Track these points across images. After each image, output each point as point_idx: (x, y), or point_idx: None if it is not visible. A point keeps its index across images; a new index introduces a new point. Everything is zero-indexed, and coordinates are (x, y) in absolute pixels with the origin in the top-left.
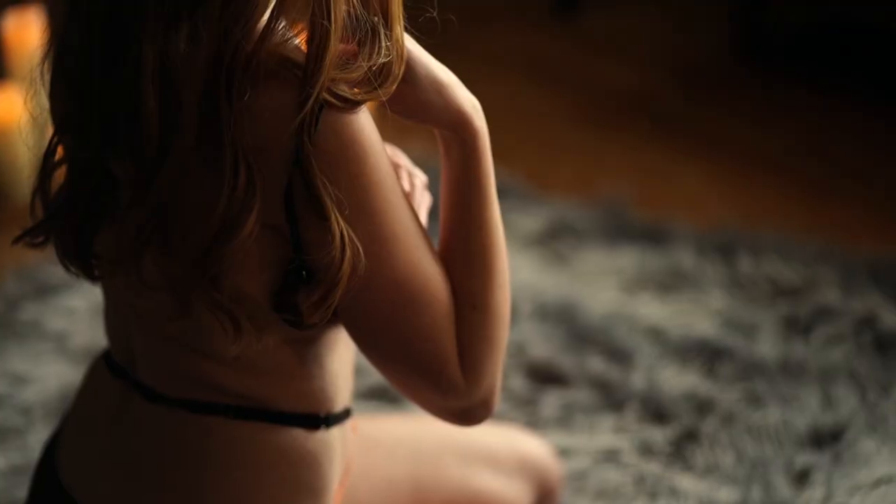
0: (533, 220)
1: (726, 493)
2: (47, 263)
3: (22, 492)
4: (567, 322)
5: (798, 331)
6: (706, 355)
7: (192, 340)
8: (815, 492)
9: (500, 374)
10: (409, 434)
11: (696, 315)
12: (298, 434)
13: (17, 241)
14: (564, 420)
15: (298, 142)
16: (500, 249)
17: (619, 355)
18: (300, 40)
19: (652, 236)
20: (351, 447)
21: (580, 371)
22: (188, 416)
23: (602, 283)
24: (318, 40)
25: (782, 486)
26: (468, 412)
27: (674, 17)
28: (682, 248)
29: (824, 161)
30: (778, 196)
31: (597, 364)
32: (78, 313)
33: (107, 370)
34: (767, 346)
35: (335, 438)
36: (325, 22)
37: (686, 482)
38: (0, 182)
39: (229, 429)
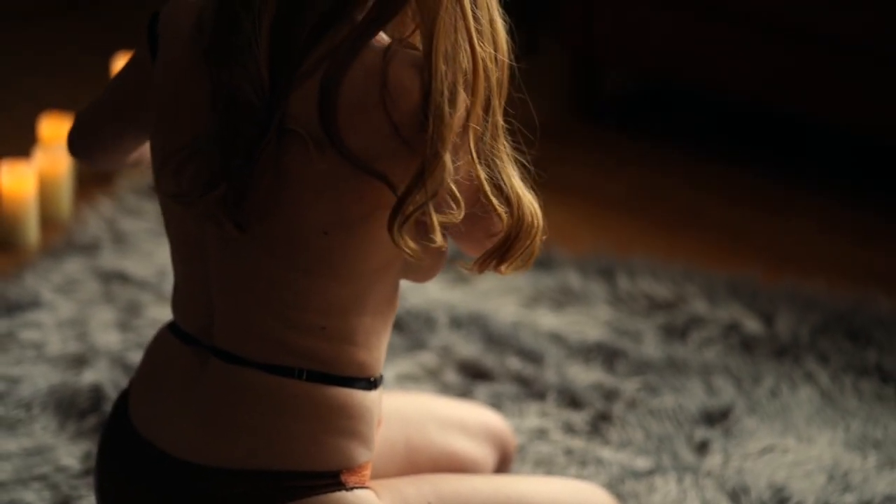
0: None
1: (642, 461)
2: (11, 284)
3: (39, 469)
4: (480, 329)
5: (676, 336)
6: (603, 355)
7: (280, 311)
8: (714, 458)
9: None
10: (398, 405)
11: (588, 325)
12: (357, 393)
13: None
14: (496, 406)
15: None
16: None
17: (531, 356)
18: None
19: (540, 262)
20: (382, 406)
21: (501, 368)
22: (265, 376)
23: (503, 300)
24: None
25: (687, 455)
26: None
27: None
28: (567, 271)
29: (664, 202)
30: (633, 232)
31: (514, 363)
32: (47, 326)
33: (176, 339)
34: (652, 348)
35: (378, 397)
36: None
37: (607, 453)
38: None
39: (302, 387)
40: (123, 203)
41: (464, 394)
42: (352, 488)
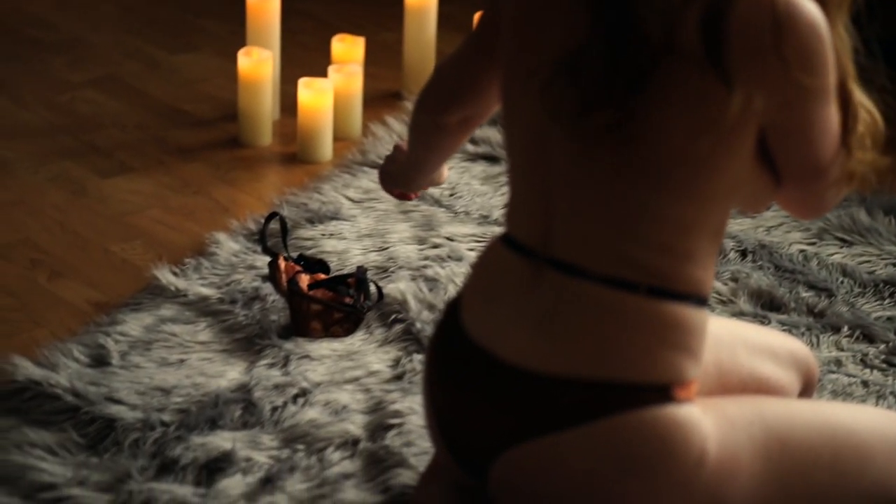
0: None
1: None
2: (312, 195)
3: (351, 372)
4: (769, 261)
5: None
6: (895, 291)
7: (628, 227)
8: None
9: None
10: (709, 328)
11: (877, 261)
12: (691, 310)
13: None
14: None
15: None
16: None
17: (821, 288)
18: None
19: None
20: None
21: (793, 299)
22: (604, 289)
23: (788, 234)
24: None
25: None
26: None
27: None
28: (853, 208)
29: None
30: None
31: (806, 294)
32: (348, 237)
33: (509, 251)
34: None
35: (706, 316)
36: None
37: None
38: (247, 129)
39: (641, 301)
40: None
41: (758, 322)
42: (681, 402)
